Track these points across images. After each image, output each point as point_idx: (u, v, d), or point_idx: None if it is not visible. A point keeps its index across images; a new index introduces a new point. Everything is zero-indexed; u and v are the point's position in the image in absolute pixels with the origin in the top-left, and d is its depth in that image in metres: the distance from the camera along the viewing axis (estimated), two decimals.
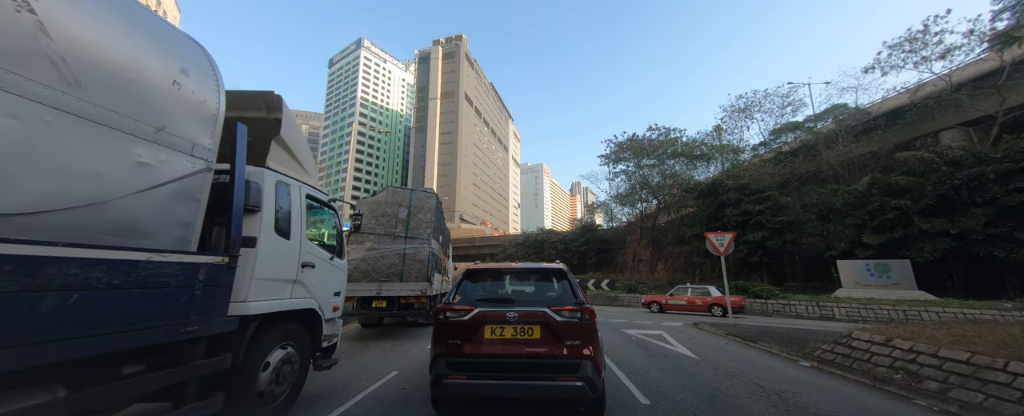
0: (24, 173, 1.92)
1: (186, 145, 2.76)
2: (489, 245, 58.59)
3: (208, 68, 3.05)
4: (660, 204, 34.83)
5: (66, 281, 1.96)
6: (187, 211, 2.78)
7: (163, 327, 2.48)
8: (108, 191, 2.28)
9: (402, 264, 9.13)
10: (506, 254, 48.28)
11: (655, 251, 34.71)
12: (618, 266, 37.89)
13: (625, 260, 37.32)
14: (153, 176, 2.51)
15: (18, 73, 1.89)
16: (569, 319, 3.38)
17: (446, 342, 3.43)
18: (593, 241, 39.80)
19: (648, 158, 33.86)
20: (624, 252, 37.82)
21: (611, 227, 42.48)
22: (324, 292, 4.34)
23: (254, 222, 3.40)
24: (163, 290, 2.46)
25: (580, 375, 3.21)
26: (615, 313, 17.43)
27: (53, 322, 1.91)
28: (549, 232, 47.23)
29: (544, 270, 4.17)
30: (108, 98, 2.29)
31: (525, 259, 43.68)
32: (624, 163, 35.94)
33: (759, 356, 6.76)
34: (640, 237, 36.33)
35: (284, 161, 4.03)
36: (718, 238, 11.43)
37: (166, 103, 2.62)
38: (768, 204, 21.89)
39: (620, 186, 37.53)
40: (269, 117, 3.81)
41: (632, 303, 23.21)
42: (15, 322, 1.77)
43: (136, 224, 2.45)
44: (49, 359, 1.91)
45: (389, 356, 6.59)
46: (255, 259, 3.31)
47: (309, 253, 4.11)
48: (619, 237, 39.67)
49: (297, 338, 3.89)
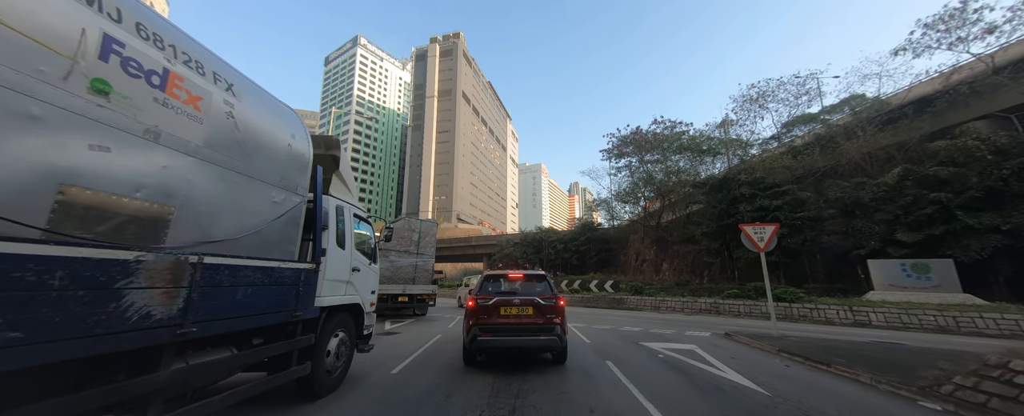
0: (227, 215, 3.11)
1: (294, 186, 3.86)
2: (486, 245, 56.88)
3: (303, 131, 4.14)
4: (665, 201, 33.05)
5: (250, 279, 3.10)
6: (294, 232, 3.90)
7: (285, 312, 3.57)
8: (261, 222, 3.41)
9: (414, 272, 13.47)
10: (503, 254, 46.56)
11: (660, 250, 32.94)
12: (620, 266, 36.15)
13: (627, 260, 35.54)
14: (279, 210, 3.63)
15: (228, 156, 3.10)
16: (548, 302, 5.75)
17: (478, 316, 5.63)
18: (594, 240, 38.02)
19: (652, 152, 32.08)
20: (626, 252, 36.03)
21: (612, 226, 40.64)
22: (365, 290, 5.33)
23: (324, 237, 4.29)
24: (285, 287, 3.54)
25: (554, 333, 5.59)
26: (624, 319, 15.59)
27: (244, 304, 3.06)
28: (548, 231, 45.40)
29: (534, 275, 6.50)
30: (260, 162, 3.43)
31: (523, 259, 42.23)
32: (627, 158, 34.16)
33: (850, 389, 4.90)
34: (643, 236, 34.55)
35: (339, 188, 5.02)
36: (757, 231, 9.57)
37: (284, 160, 3.75)
38: (786, 199, 20.16)
39: (622, 182, 35.73)
40: (327, 154, 4.81)
41: (640, 306, 21.38)
42: (228, 302, 2.91)
43: (272, 242, 3.57)
44: (240, 327, 3.08)
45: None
46: (325, 265, 4.21)
47: (357, 260, 5.13)
48: (621, 236, 37.88)
49: (347, 326, 4.85)
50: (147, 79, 2.48)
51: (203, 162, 2.85)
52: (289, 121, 3.93)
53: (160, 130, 2.55)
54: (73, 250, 1.91)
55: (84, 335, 1.95)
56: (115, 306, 2.09)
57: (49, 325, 1.81)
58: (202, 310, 2.63)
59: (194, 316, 2.55)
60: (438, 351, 7.33)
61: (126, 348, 2.16)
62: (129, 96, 2.36)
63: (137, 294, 2.19)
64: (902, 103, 22.16)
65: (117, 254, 2.11)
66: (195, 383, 2.86)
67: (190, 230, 2.73)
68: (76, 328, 1.92)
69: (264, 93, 3.73)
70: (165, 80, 2.59)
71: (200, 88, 2.86)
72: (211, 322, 2.73)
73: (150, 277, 2.26)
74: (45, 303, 1.79)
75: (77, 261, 1.91)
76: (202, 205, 2.85)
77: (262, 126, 3.47)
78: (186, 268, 2.48)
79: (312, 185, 4.12)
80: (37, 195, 1.95)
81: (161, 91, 2.56)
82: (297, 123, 4.06)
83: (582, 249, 37.82)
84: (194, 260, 2.53)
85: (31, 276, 1.74)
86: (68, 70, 2.06)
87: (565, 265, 39.20)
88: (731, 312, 17.87)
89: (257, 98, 3.53)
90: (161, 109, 2.56)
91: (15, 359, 1.69)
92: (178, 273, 2.43)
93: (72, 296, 1.90)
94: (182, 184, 2.68)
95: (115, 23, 2.32)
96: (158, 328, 2.33)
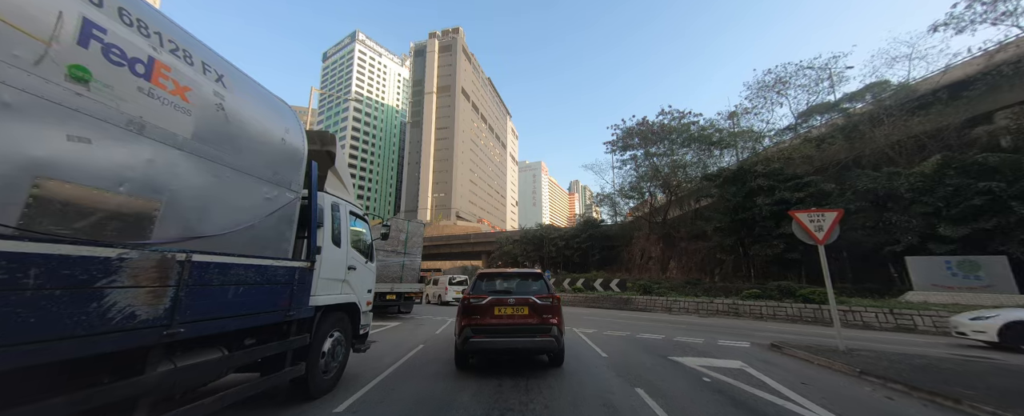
0: (217, 210, 2.93)
1: (287, 182, 3.73)
2: (484, 242, 55.25)
3: (298, 126, 4.05)
4: (672, 196, 31.38)
5: (242, 278, 2.95)
6: (288, 229, 3.78)
7: (279, 311, 3.45)
8: (253, 218, 3.27)
9: (402, 271, 13.92)
10: (503, 251, 44.93)
11: (666, 248, 31.27)
12: (623, 264, 34.50)
13: (632, 257, 33.86)
14: (272, 206, 3.50)
15: (217, 149, 2.91)
16: (544, 302, 5.44)
17: (471, 317, 5.32)
18: (596, 238, 36.36)
19: (659, 145, 30.40)
20: (631, 249, 34.33)
21: (616, 222, 38.96)
22: (362, 289, 5.27)
23: (319, 235, 4.28)
24: (278, 285, 3.43)
25: (551, 334, 5.29)
26: (638, 322, 13.89)
27: (235, 304, 2.91)
28: (549, 228, 43.74)
29: (530, 273, 6.06)
30: (252, 157, 3.30)
31: (523, 256, 40.69)
32: (632, 151, 32.47)
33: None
34: (648, 233, 32.90)
35: (335, 184, 5.01)
36: (813, 219, 7.80)
37: (277, 155, 3.63)
38: (809, 191, 18.47)
39: (627, 176, 34.04)
40: (323, 150, 4.81)
41: (650, 307, 19.70)
42: (218, 302, 2.76)
43: (264, 240, 3.44)
44: (231, 328, 2.92)
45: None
46: (320, 263, 4.21)
47: (352, 258, 5.05)
48: (624, 233, 36.22)
49: (342, 326, 4.80)
50: (131, 67, 2.34)
51: (191, 155, 2.72)
52: (283, 115, 3.86)
53: (145, 121, 2.41)
54: (49, 247, 1.81)
55: (62, 337, 1.87)
56: (96, 306, 2.00)
57: (23, 326, 1.74)
58: (191, 310, 2.53)
59: (182, 316, 2.46)
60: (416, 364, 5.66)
61: (108, 350, 2.07)
62: (111, 85, 2.23)
63: (120, 293, 2.10)
64: (934, 87, 20.43)
65: (98, 251, 2.00)
66: (184, 385, 2.76)
67: (177, 226, 2.63)
68: (53, 329, 1.84)
69: (257, 86, 3.64)
70: (150, 69, 2.46)
71: (188, 78, 2.72)
72: (200, 322, 2.64)
73: (134, 275, 2.17)
74: (17, 303, 1.72)
75: (53, 258, 1.82)
76: (190, 200, 2.73)
77: (254, 119, 3.38)
78: (173, 266, 2.38)
79: (307, 181, 4.09)
80: (9, 188, 1.82)
81: (146, 80, 2.43)
82: (292, 117, 4.00)
83: (584, 246, 36.20)
84: (182, 258, 2.43)
85: (1, 274, 1.66)
86: (42, 54, 1.94)
87: (567, 263, 37.59)
88: (752, 314, 16.21)
89: (249, 90, 3.45)
90: (146, 99, 2.42)
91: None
92: (165, 271, 2.33)
93: (48, 296, 1.81)
94: (169, 178, 2.56)
95: (95, 7, 2.19)
96: (143, 329, 2.24)
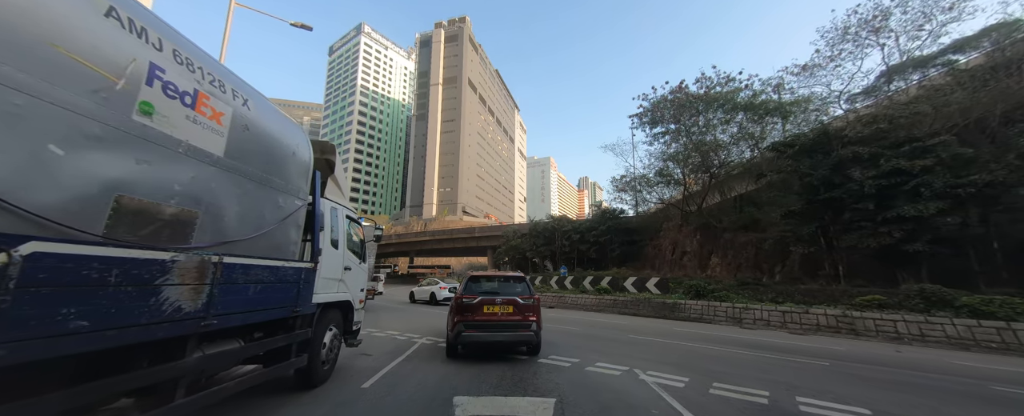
0: (242, 218, 3.35)
1: (296, 191, 4.16)
2: (490, 236, 50.44)
3: (305, 140, 4.51)
4: (713, 179, 26.04)
5: (260, 277, 3.37)
6: (296, 233, 4.19)
7: (287, 307, 3.87)
8: (269, 224, 3.68)
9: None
10: (510, 246, 39.97)
11: (705, 240, 25.89)
12: (648, 259, 29.17)
13: (661, 252, 28.46)
14: (283, 213, 3.91)
15: (243, 164, 3.34)
16: (527, 302, 6.58)
17: (463, 314, 6.38)
18: (615, 230, 31.04)
19: (700, 116, 25.04)
20: (659, 242, 28.90)
21: (638, 212, 33.60)
22: (355, 288, 5.76)
23: (320, 237, 4.66)
24: (288, 284, 3.85)
25: (531, 330, 6.44)
26: (713, 349, 8.70)
27: (254, 300, 3.34)
28: (562, 220, 38.55)
29: (514, 276, 7.25)
30: (270, 170, 3.72)
31: (532, 252, 35.93)
32: (663, 124, 27.14)
33: None
34: (681, 223, 27.54)
35: (333, 190, 5.35)
36: None
37: (288, 167, 4.05)
38: (941, 156, 13.11)
39: (656, 156, 28.69)
40: (323, 158, 5.09)
41: (709, 317, 14.36)
42: (241, 298, 3.18)
43: (277, 243, 3.87)
44: (251, 320, 3.36)
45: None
46: (321, 264, 4.58)
47: (348, 259, 5.54)
48: (650, 224, 30.85)
49: (337, 322, 5.32)
50: (181, 100, 2.73)
51: (223, 171, 3.11)
52: (293, 132, 4.28)
53: (190, 144, 2.79)
54: (125, 251, 2.21)
55: (132, 324, 2.25)
56: (155, 300, 2.38)
57: (107, 315, 2.12)
58: (221, 304, 2.90)
59: (215, 310, 2.83)
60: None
61: (162, 337, 2.47)
62: (167, 115, 2.62)
63: (172, 290, 2.48)
64: None
65: (158, 255, 2.40)
66: (209, 371, 3.20)
67: (211, 232, 3.00)
68: (127, 318, 2.23)
69: (272, 106, 4.06)
70: (195, 100, 2.85)
71: (222, 105, 3.12)
72: (228, 315, 3.01)
73: (181, 275, 2.54)
74: (104, 297, 2.09)
75: (129, 261, 2.21)
76: (221, 210, 3.12)
77: (271, 137, 3.79)
78: (209, 267, 2.76)
79: (310, 188, 4.48)
80: (98, 203, 2.25)
81: (192, 109, 2.81)
82: (300, 133, 4.45)
83: (602, 240, 30.98)
84: (215, 260, 2.81)
85: (95, 274, 2.04)
86: (123, 94, 2.35)
87: (582, 259, 32.43)
88: (880, 332, 10.83)
89: (267, 111, 3.86)
90: (192, 125, 2.81)
91: (82, 343, 1.99)
92: (203, 271, 2.71)
93: (124, 291, 2.19)
94: (205, 191, 2.94)
95: (157, 51, 2.59)
96: (186, 320, 2.61)
